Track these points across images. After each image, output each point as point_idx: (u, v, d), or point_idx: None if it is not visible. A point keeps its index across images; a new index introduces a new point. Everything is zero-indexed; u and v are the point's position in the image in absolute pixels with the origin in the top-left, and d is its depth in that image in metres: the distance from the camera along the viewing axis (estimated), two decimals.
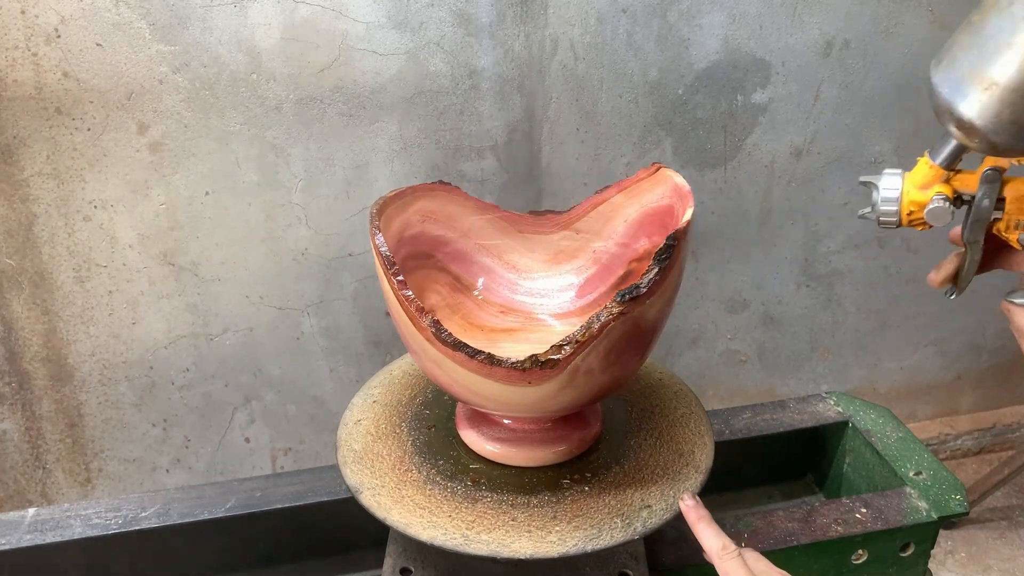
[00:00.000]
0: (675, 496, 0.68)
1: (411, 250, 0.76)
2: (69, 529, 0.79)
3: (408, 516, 0.65)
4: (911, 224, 0.61)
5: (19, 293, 1.22)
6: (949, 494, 0.82)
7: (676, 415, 0.78)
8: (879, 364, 1.69)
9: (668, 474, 0.70)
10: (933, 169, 0.59)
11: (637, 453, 0.73)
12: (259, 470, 1.45)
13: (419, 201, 0.77)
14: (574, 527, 0.64)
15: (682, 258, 0.62)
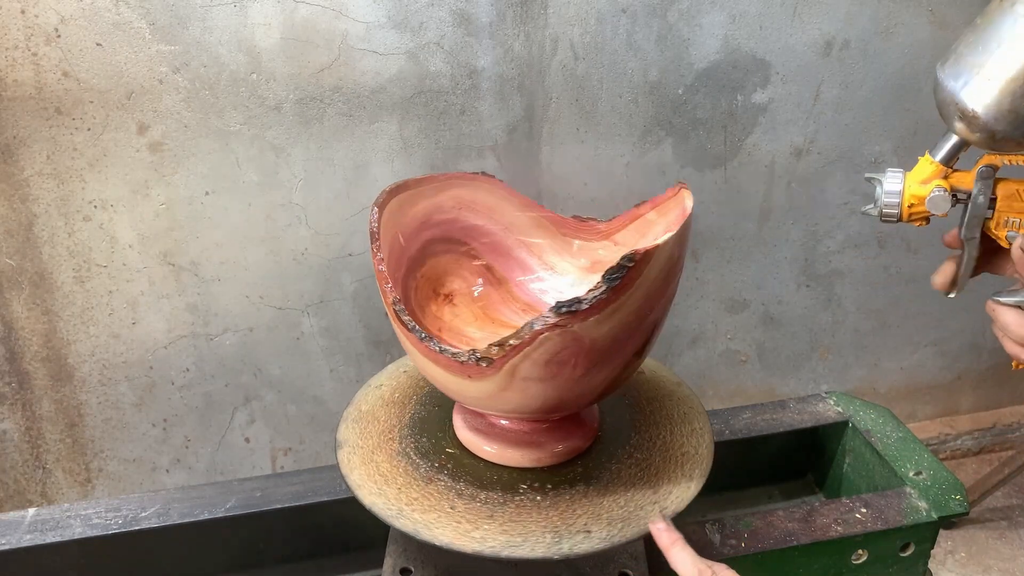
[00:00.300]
0: (636, 512, 0.65)
1: (440, 233, 0.78)
2: (69, 529, 0.79)
3: (365, 479, 0.69)
4: (911, 218, 0.65)
5: (19, 293, 1.22)
6: (949, 494, 0.82)
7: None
8: (879, 364, 1.69)
9: (653, 483, 0.69)
10: (933, 165, 0.63)
11: (624, 464, 0.71)
12: (259, 470, 1.45)
13: (454, 189, 0.78)
14: (502, 531, 0.63)
15: (651, 284, 0.59)
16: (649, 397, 0.82)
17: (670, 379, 0.86)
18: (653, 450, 0.73)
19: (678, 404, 0.81)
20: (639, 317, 0.60)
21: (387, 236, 0.73)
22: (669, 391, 0.83)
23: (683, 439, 0.75)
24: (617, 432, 0.76)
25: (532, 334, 0.58)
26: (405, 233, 0.76)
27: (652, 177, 1.38)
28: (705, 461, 0.72)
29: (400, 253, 0.75)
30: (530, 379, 0.61)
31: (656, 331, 0.65)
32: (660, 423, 0.77)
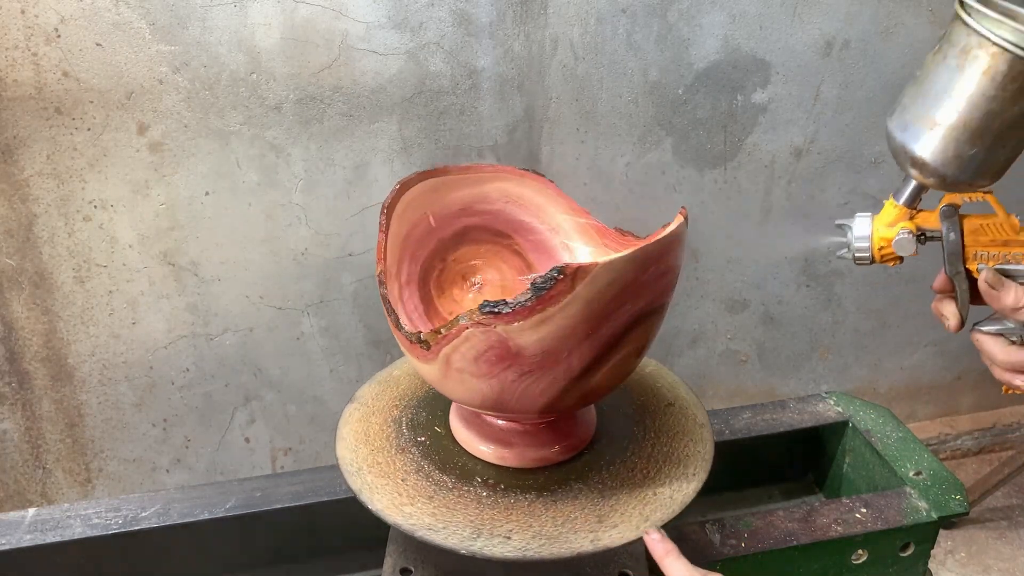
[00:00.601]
0: (568, 534, 0.63)
1: (482, 223, 0.79)
2: (69, 529, 0.79)
3: (350, 435, 0.73)
4: (883, 260, 0.69)
5: (19, 293, 1.22)
6: (949, 494, 0.82)
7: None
8: (879, 364, 1.69)
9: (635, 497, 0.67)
10: (898, 209, 0.67)
11: (591, 483, 0.69)
12: (259, 470, 1.45)
13: (501, 182, 0.79)
14: (431, 514, 0.65)
15: (592, 302, 0.57)
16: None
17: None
18: (630, 470, 0.70)
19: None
20: (579, 334, 0.59)
21: (410, 213, 0.75)
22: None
23: (681, 447, 0.74)
24: (609, 443, 0.74)
25: (458, 328, 0.59)
26: (438, 215, 0.77)
27: (652, 177, 1.38)
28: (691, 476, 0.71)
29: (427, 232, 0.77)
30: (464, 372, 0.62)
31: (615, 351, 0.62)
32: (657, 434, 0.75)
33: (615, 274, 0.57)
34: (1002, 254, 0.64)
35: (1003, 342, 0.66)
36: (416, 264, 0.76)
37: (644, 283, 0.59)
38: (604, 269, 0.56)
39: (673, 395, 0.81)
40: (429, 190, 0.77)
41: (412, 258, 0.76)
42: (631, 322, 0.60)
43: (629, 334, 0.61)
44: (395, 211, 0.74)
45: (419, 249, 0.77)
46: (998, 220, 0.64)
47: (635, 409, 0.79)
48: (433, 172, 0.77)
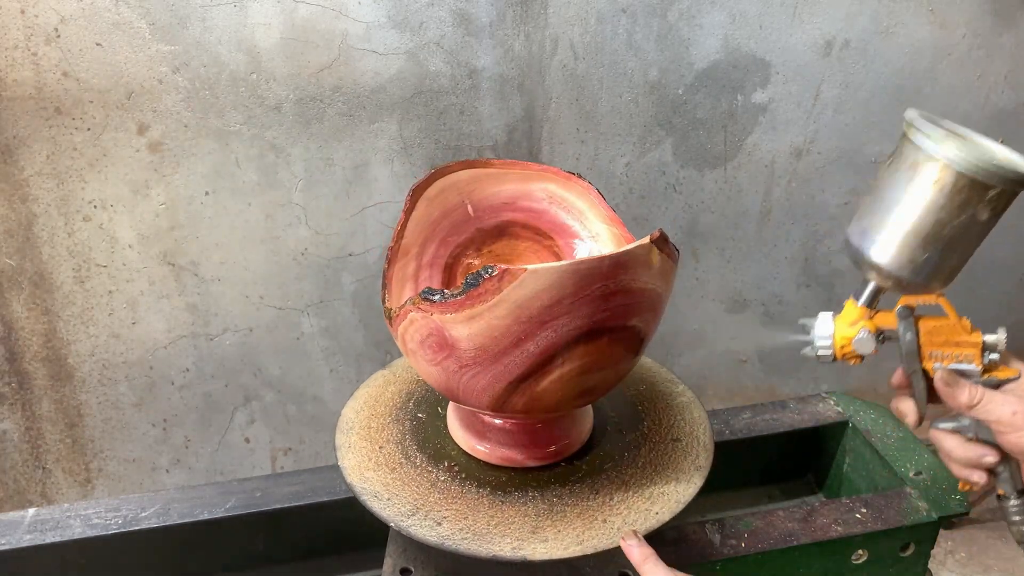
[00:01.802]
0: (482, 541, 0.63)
1: (525, 219, 0.79)
2: (69, 529, 0.79)
3: (360, 404, 0.77)
4: (844, 358, 0.72)
5: (19, 293, 1.22)
6: (949, 494, 0.82)
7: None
8: (879, 364, 1.69)
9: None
10: (858, 309, 0.70)
11: (545, 493, 0.69)
12: (259, 470, 1.45)
13: (547, 182, 0.79)
14: (383, 485, 0.67)
15: (523, 307, 0.57)
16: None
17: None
18: (594, 492, 0.69)
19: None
20: (511, 336, 0.58)
21: (445, 199, 0.77)
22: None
23: (669, 486, 0.72)
24: (592, 461, 0.72)
25: (405, 310, 0.62)
26: (478, 206, 0.78)
27: (652, 177, 1.38)
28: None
29: (464, 220, 0.78)
30: (416, 354, 0.64)
31: (559, 364, 0.60)
32: (646, 464, 0.73)
33: (545, 283, 0.56)
34: (955, 354, 0.68)
35: (959, 439, 0.69)
36: (446, 248, 0.77)
37: (587, 299, 0.57)
38: (532, 276, 0.56)
39: (680, 431, 0.78)
40: (470, 179, 0.78)
41: (442, 242, 0.77)
42: (577, 337, 0.59)
43: (575, 349, 0.59)
44: (425, 194, 0.75)
45: (452, 235, 0.78)
46: (950, 322, 0.67)
47: (638, 435, 0.77)
48: (475, 163, 0.77)
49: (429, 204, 0.77)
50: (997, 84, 1.43)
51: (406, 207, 0.75)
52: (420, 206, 0.76)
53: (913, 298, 0.68)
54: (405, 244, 0.75)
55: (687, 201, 1.41)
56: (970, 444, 0.68)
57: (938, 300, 0.68)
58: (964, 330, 0.67)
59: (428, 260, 0.77)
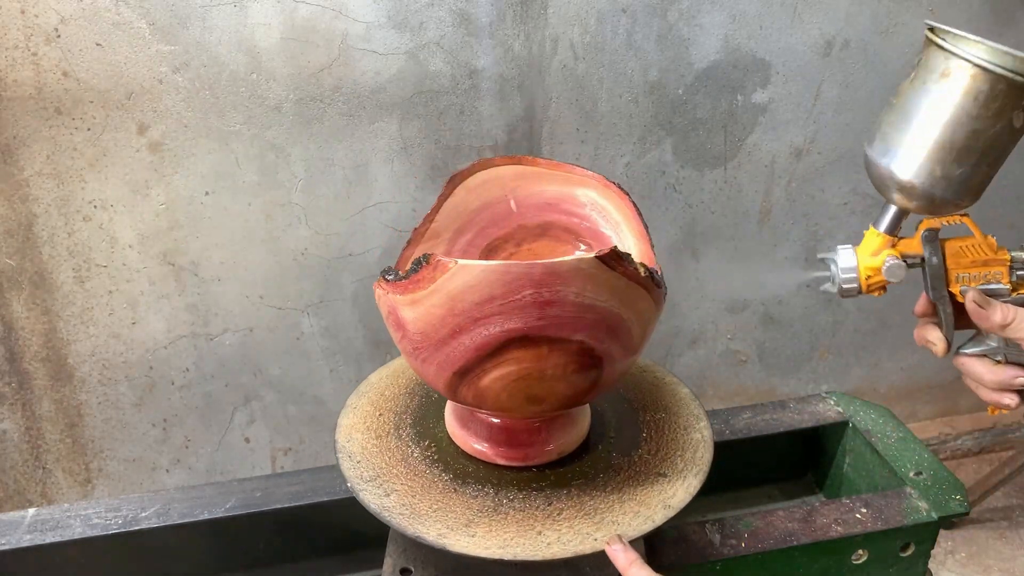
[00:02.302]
0: None
1: (567, 224, 0.78)
2: (69, 529, 0.79)
3: (378, 378, 0.80)
4: (870, 289, 0.69)
5: (19, 293, 1.22)
6: (949, 494, 0.82)
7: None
8: (879, 364, 1.69)
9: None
10: (880, 237, 0.68)
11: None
12: (259, 470, 1.45)
13: (589, 188, 0.78)
14: (369, 467, 0.69)
15: (455, 300, 0.57)
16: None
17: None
18: (541, 505, 0.67)
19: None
20: (447, 327, 0.59)
21: (487, 190, 0.77)
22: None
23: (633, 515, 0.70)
24: (570, 469, 0.71)
25: (375, 284, 0.64)
26: (521, 202, 0.78)
27: (652, 177, 1.38)
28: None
29: (506, 214, 0.79)
30: (389, 326, 0.65)
31: (495, 364, 0.60)
32: (623, 484, 0.72)
33: (474, 280, 0.56)
34: (983, 274, 0.66)
35: (988, 362, 0.67)
36: (483, 239, 0.77)
37: (519, 304, 0.57)
38: (461, 270, 0.56)
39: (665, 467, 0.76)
40: (514, 175, 0.78)
41: (480, 232, 0.77)
42: (511, 339, 0.58)
43: (511, 352, 0.59)
44: (466, 183, 0.76)
45: (491, 227, 0.78)
46: (976, 241, 0.65)
47: (625, 458, 0.75)
48: (520, 159, 0.77)
49: (468, 193, 0.77)
50: None
51: (443, 192, 0.76)
52: (458, 193, 0.76)
53: (936, 220, 0.66)
54: (436, 228, 0.76)
55: (687, 201, 1.41)
56: (1000, 367, 0.66)
57: (962, 220, 0.65)
58: (991, 248, 0.65)
59: (461, 247, 0.78)
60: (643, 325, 0.64)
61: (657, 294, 0.63)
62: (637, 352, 0.66)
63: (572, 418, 0.73)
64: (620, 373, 0.66)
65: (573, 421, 0.73)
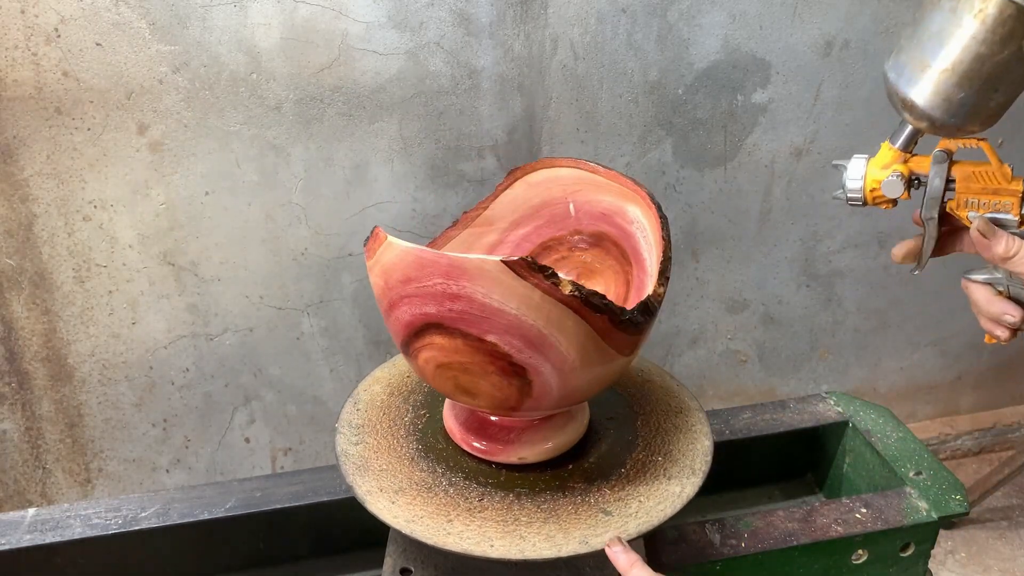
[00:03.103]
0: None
1: (618, 237, 0.77)
2: (69, 529, 0.79)
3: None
4: (875, 202, 0.69)
5: (19, 293, 1.22)
6: (949, 494, 0.82)
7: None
8: (879, 364, 1.69)
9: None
10: (892, 152, 0.67)
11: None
12: (259, 470, 1.45)
13: (637, 205, 0.74)
14: (356, 434, 0.72)
15: (387, 273, 0.61)
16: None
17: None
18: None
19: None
20: (385, 299, 0.64)
21: (548, 188, 0.77)
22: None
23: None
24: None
25: None
26: (579, 208, 0.78)
27: (652, 177, 1.38)
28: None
29: (564, 216, 0.79)
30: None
31: (419, 346, 0.62)
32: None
33: (396, 258, 0.61)
34: (992, 202, 0.64)
35: (990, 291, 0.66)
36: (538, 236, 0.78)
37: (432, 291, 0.58)
38: (387, 247, 0.61)
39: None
40: (573, 179, 0.77)
41: (537, 229, 0.78)
42: (429, 323, 0.60)
43: (432, 336, 0.61)
44: (528, 178, 0.77)
45: (549, 226, 0.78)
46: (991, 168, 0.64)
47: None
48: (580, 163, 0.77)
49: (529, 188, 0.77)
50: None
51: (503, 183, 0.77)
52: (518, 187, 0.77)
53: (953, 142, 0.65)
54: (489, 215, 0.78)
55: (687, 201, 1.41)
56: (997, 298, 0.66)
57: (980, 144, 0.64)
58: (1004, 177, 0.64)
59: (515, 240, 0.78)
60: (581, 350, 0.61)
61: (598, 321, 0.60)
62: (580, 376, 0.63)
63: (561, 420, 0.72)
64: (564, 391, 0.64)
65: (557, 427, 0.72)
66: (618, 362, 0.65)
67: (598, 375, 0.65)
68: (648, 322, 0.65)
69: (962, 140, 0.65)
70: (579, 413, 0.74)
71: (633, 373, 0.84)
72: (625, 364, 0.68)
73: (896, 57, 0.63)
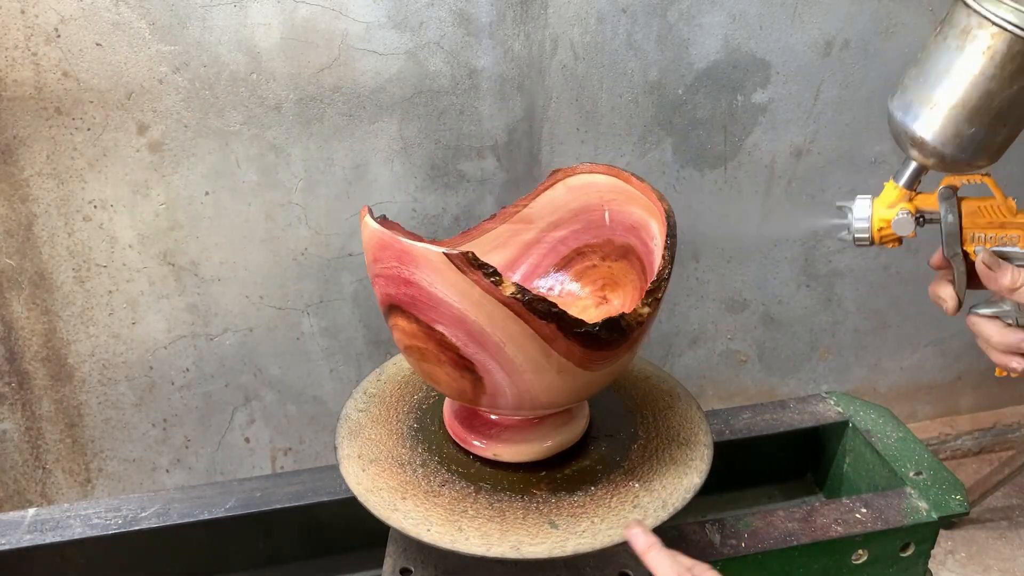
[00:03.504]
0: None
1: (642, 253, 0.75)
2: (69, 529, 0.79)
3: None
4: (882, 241, 0.69)
5: (19, 293, 1.22)
6: (949, 494, 0.82)
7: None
8: (879, 364, 1.69)
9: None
10: (897, 190, 0.68)
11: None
12: (259, 470, 1.45)
13: (656, 220, 0.73)
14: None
15: (366, 242, 0.65)
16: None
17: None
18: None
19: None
20: (371, 271, 0.66)
21: (585, 194, 0.77)
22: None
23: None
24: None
25: None
26: (614, 218, 0.77)
27: (652, 177, 1.38)
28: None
29: (599, 224, 0.78)
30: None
31: (391, 322, 0.66)
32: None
33: (367, 238, 0.64)
34: (999, 236, 0.65)
35: (999, 324, 0.66)
36: (574, 240, 0.78)
37: (390, 274, 0.62)
38: (364, 225, 0.64)
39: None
40: (608, 188, 0.76)
41: (574, 233, 0.78)
42: (391, 305, 0.64)
43: (395, 317, 0.64)
44: (568, 180, 0.76)
45: (585, 232, 0.78)
46: (995, 202, 0.65)
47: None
48: (616, 171, 0.75)
49: (569, 191, 0.77)
50: None
51: (544, 183, 0.77)
52: (559, 188, 0.77)
53: (956, 178, 0.66)
54: (529, 213, 0.78)
55: (687, 201, 1.41)
56: (1009, 330, 0.65)
57: (983, 180, 0.65)
58: (1010, 211, 0.64)
59: (552, 241, 0.79)
60: (527, 355, 0.60)
61: (544, 328, 0.58)
62: (532, 382, 0.62)
63: (548, 426, 0.72)
64: (520, 395, 0.63)
65: (550, 428, 0.72)
66: (585, 376, 0.64)
67: (558, 385, 0.63)
68: (617, 340, 0.62)
69: (967, 176, 0.65)
70: (570, 423, 0.73)
71: (659, 395, 0.81)
72: (597, 379, 0.66)
73: (902, 96, 0.64)
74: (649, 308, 0.64)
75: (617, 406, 0.80)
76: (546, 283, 0.80)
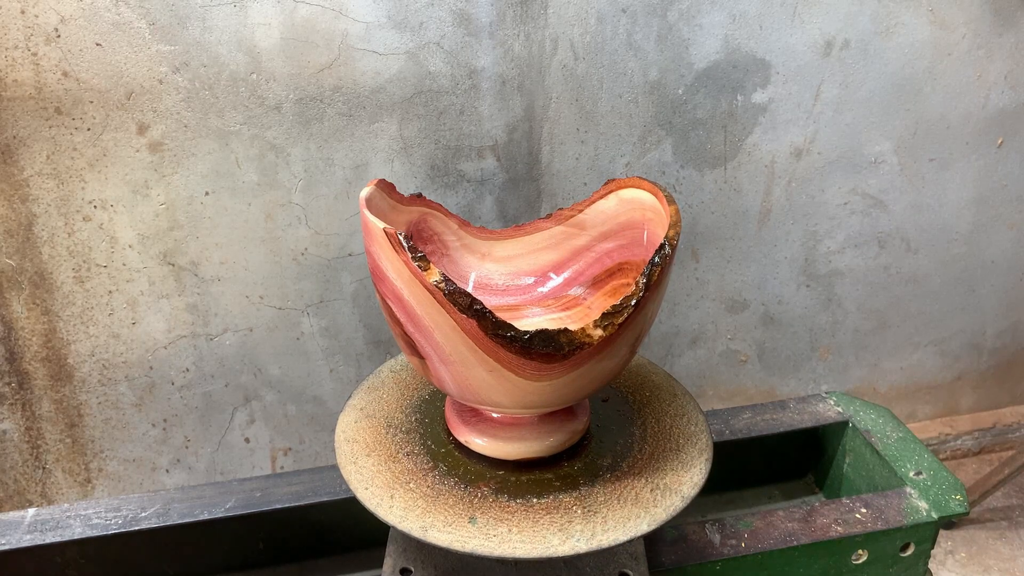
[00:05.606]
0: None
1: (626, 248, 0.76)
2: (69, 529, 0.79)
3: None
4: None
5: (19, 293, 1.22)
6: (949, 494, 0.82)
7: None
8: (879, 364, 1.69)
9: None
10: None
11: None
12: (259, 470, 1.45)
13: (643, 211, 0.73)
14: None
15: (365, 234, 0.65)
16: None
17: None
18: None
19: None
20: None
21: (628, 210, 0.76)
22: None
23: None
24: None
25: None
26: (650, 239, 0.76)
27: (652, 177, 1.38)
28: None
29: (639, 242, 0.76)
30: None
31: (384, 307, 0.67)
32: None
33: (363, 218, 0.65)
34: None
35: None
36: (619, 255, 0.77)
37: (369, 249, 0.63)
38: (360, 195, 0.67)
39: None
40: (648, 205, 0.72)
41: (619, 249, 0.77)
42: (373, 275, 0.65)
43: (374, 285, 0.66)
44: (620, 193, 0.75)
45: (629, 249, 0.76)
46: None
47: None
48: (656, 189, 0.71)
49: (620, 204, 0.76)
50: (997, 84, 1.43)
51: (600, 192, 0.77)
52: (612, 199, 0.76)
53: None
54: (583, 220, 0.78)
55: (687, 201, 1.41)
56: None
57: None
58: None
59: (600, 251, 0.78)
60: (454, 347, 0.60)
61: (466, 323, 0.58)
62: (465, 376, 0.62)
63: (538, 428, 0.72)
64: (460, 388, 0.64)
65: (546, 428, 0.72)
66: (528, 385, 0.62)
67: (493, 385, 0.62)
68: (554, 355, 0.59)
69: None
70: (570, 422, 0.72)
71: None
72: (549, 390, 0.63)
73: None
74: (603, 331, 0.59)
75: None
76: (578, 291, 0.80)
